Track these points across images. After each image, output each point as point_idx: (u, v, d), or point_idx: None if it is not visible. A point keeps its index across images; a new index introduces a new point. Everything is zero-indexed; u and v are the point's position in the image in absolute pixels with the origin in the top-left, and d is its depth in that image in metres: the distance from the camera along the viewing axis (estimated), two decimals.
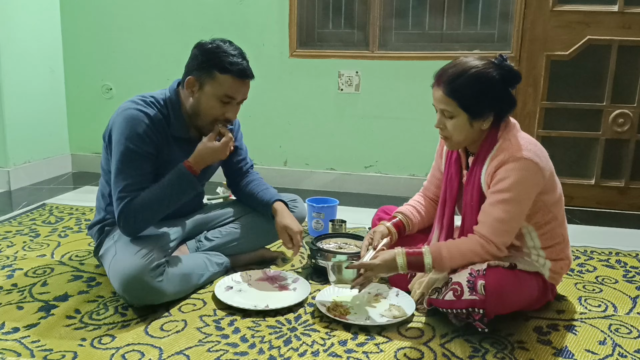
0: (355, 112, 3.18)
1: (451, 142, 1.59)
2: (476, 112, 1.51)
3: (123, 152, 1.65)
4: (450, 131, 1.55)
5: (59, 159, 3.52)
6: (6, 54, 3.02)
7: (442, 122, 1.55)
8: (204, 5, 3.23)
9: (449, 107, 1.51)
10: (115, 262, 1.64)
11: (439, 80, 1.52)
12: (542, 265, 1.60)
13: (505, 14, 2.97)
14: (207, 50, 1.67)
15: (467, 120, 1.52)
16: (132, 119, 1.66)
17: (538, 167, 1.49)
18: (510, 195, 1.47)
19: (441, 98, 1.52)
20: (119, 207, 1.65)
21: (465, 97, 1.49)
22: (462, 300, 1.46)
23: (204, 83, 1.68)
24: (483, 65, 1.50)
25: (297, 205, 2.08)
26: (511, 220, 1.50)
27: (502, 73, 1.50)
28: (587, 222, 2.69)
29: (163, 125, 1.71)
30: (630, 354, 1.48)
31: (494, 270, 1.47)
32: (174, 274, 1.66)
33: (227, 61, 1.65)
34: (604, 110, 2.88)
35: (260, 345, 1.47)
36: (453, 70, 1.51)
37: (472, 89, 1.49)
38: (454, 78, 1.49)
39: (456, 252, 1.51)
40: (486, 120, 1.53)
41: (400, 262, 1.53)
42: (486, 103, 1.51)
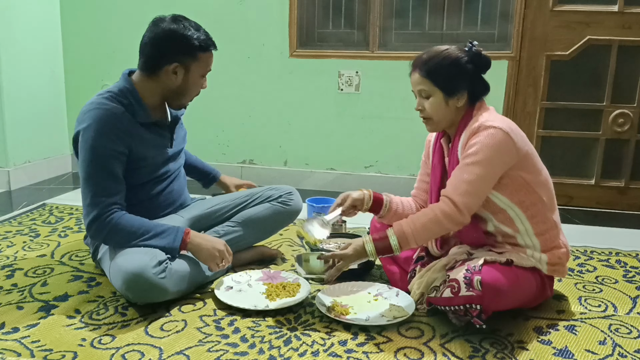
0: (355, 112, 3.18)
1: (432, 123, 1.66)
2: (450, 90, 1.60)
3: (92, 156, 1.65)
4: (428, 111, 1.63)
5: (59, 159, 3.52)
6: (6, 54, 3.02)
7: (421, 103, 1.65)
8: (204, 5, 3.23)
9: (425, 86, 1.61)
10: (117, 261, 1.63)
11: (415, 65, 1.64)
12: (539, 260, 1.60)
13: (505, 14, 2.97)
14: (186, 35, 1.70)
15: (443, 98, 1.60)
16: (96, 120, 1.65)
17: (508, 137, 1.53)
18: (476, 158, 1.52)
19: (417, 80, 1.63)
20: (94, 211, 1.64)
21: (439, 75, 1.59)
22: (459, 297, 1.46)
23: (189, 65, 1.72)
24: (453, 49, 1.62)
25: (293, 198, 2.06)
26: (476, 181, 1.52)
27: (471, 56, 1.61)
28: (587, 222, 2.69)
29: (127, 115, 1.70)
30: (630, 354, 1.48)
31: (490, 266, 1.48)
32: (176, 271, 1.66)
33: (203, 40, 1.72)
34: (604, 110, 2.88)
35: (260, 345, 1.47)
36: (426, 55, 1.63)
37: (444, 68, 1.59)
38: (427, 60, 1.61)
39: (419, 225, 1.52)
40: (460, 98, 1.60)
41: (369, 248, 1.55)
42: (458, 80, 1.60)
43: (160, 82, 1.73)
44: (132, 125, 1.71)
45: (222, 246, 1.74)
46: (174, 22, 1.72)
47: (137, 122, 1.72)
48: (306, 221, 1.71)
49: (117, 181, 1.68)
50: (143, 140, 1.74)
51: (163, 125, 1.82)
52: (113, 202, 1.66)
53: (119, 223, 1.65)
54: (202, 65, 1.74)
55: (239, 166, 3.38)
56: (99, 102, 1.69)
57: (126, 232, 1.65)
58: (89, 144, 1.65)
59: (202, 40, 1.71)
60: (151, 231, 1.67)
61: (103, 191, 1.65)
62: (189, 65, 1.72)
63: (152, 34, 1.72)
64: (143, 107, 1.74)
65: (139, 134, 1.73)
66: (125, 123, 1.69)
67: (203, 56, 1.73)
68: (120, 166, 1.69)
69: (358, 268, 1.88)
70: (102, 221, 1.65)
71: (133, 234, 1.66)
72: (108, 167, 1.66)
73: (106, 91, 1.74)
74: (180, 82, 1.73)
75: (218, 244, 1.74)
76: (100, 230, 1.66)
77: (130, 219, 1.67)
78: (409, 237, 1.52)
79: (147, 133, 1.76)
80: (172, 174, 1.92)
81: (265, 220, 2.00)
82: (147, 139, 1.76)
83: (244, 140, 3.35)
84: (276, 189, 2.08)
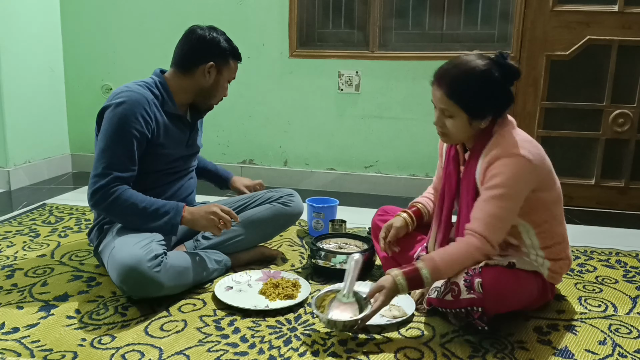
0: (355, 112, 3.18)
1: (448, 139, 1.60)
2: (476, 114, 1.51)
3: (115, 129, 1.72)
4: (448, 129, 1.55)
5: (59, 159, 3.52)
6: (6, 54, 3.02)
7: (441, 120, 1.56)
8: (204, 5, 3.23)
9: (449, 107, 1.51)
10: (113, 254, 1.65)
11: (439, 80, 1.52)
12: (541, 265, 1.60)
13: (505, 14, 2.97)
14: (225, 40, 1.89)
15: (467, 120, 1.52)
16: (126, 100, 1.74)
17: (532, 165, 1.49)
18: (502, 191, 1.47)
19: (442, 99, 1.51)
20: (101, 180, 1.70)
21: (466, 99, 1.49)
22: (460, 300, 1.46)
23: (222, 69, 1.88)
24: (484, 65, 1.49)
25: (294, 200, 2.08)
26: (504, 216, 1.49)
27: (504, 72, 1.49)
28: (587, 222, 2.69)
29: (155, 103, 1.81)
30: (630, 354, 1.48)
31: (490, 269, 1.48)
32: (172, 265, 1.66)
33: (236, 50, 1.91)
34: (604, 110, 2.88)
35: (260, 345, 1.47)
36: (455, 71, 1.50)
37: (474, 91, 1.49)
38: (455, 79, 1.49)
39: (451, 260, 1.49)
40: (485, 120, 1.53)
41: (401, 282, 1.47)
42: (487, 104, 1.51)
43: (194, 80, 1.86)
44: (159, 113, 1.82)
45: (215, 208, 1.80)
46: (213, 31, 1.88)
47: (164, 111, 1.84)
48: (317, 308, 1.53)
49: (131, 160, 1.75)
50: (166, 129, 1.84)
51: (185, 122, 1.92)
52: (122, 178, 1.72)
53: (122, 194, 1.71)
54: (231, 71, 1.92)
55: (239, 166, 3.38)
56: (133, 86, 1.80)
57: (128, 204, 1.71)
58: (116, 118, 1.73)
59: (234, 49, 1.91)
60: (153, 205, 1.73)
61: (116, 165, 1.72)
62: (221, 68, 1.88)
63: (192, 37, 1.87)
64: (172, 100, 1.87)
65: (163, 122, 1.83)
66: (153, 109, 1.79)
67: (233, 63, 1.91)
68: (139, 148, 1.76)
69: None
70: (107, 191, 1.70)
71: (135, 205, 1.71)
72: (128, 144, 1.73)
73: (140, 80, 1.85)
74: (212, 82, 1.87)
75: (211, 207, 1.80)
76: (103, 199, 1.70)
77: (134, 193, 1.74)
78: (442, 271, 1.48)
79: (171, 124, 1.86)
80: (184, 170, 1.98)
81: (266, 221, 2.01)
82: (169, 129, 1.85)
83: (244, 140, 3.35)
84: (277, 191, 2.10)
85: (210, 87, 1.89)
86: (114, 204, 1.70)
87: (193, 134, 1.97)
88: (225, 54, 1.88)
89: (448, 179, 1.68)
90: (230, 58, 1.90)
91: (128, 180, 1.74)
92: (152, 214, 1.72)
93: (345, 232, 2.21)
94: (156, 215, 1.73)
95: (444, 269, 1.49)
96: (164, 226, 1.74)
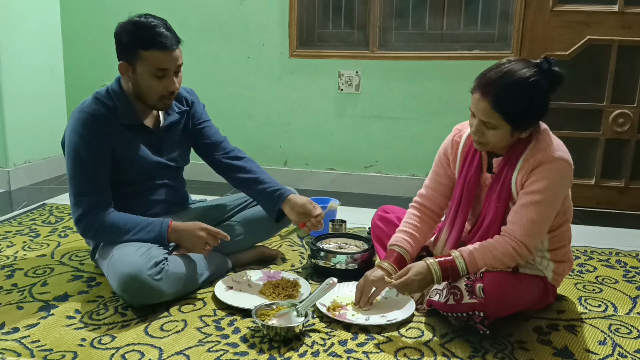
0: (355, 112, 3.18)
1: (484, 147, 1.55)
2: (521, 126, 1.47)
3: (74, 157, 1.69)
4: (487, 139, 1.49)
5: (59, 159, 3.51)
6: (6, 54, 3.02)
7: (482, 130, 1.48)
8: (204, 5, 3.23)
9: (493, 120, 1.44)
10: (112, 262, 1.64)
11: (482, 90, 1.44)
12: (546, 268, 1.60)
13: (505, 14, 2.97)
14: (127, 32, 1.66)
15: (510, 131, 1.47)
16: (77, 123, 1.70)
17: (571, 168, 1.50)
18: (543, 196, 1.46)
19: (486, 110, 1.44)
20: (78, 210, 1.69)
21: (513, 111, 1.43)
22: (462, 304, 1.46)
23: (134, 65, 1.67)
24: (532, 74, 1.41)
25: None
26: (543, 222, 1.49)
27: (551, 80, 1.44)
28: (587, 222, 2.69)
29: (109, 118, 1.71)
30: (630, 354, 1.48)
31: (492, 273, 1.47)
32: (172, 272, 1.66)
33: (147, 37, 1.64)
34: (604, 110, 2.88)
35: (260, 345, 1.47)
36: (502, 82, 1.42)
37: (522, 103, 1.42)
38: (503, 91, 1.41)
39: (489, 254, 1.49)
40: (527, 131, 1.50)
41: (435, 269, 1.49)
42: (533, 116, 1.47)
43: (125, 83, 1.74)
44: (114, 127, 1.72)
45: (201, 232, 1.72)
46: (131, 20, 1.68)
47: (120, 123, 1.72)
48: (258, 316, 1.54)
49: (98, 181, 1.71)
50: (127, 141, 1.74)
51: (148, 130, 1.80)
52: (96, 202, 1.70)
53: (104, 221, 1.69)
54: (146, 64, 1.65)
55: None
56: (82, 106, 1.73)
57: (113, 230, 1.69)
58: (70, 147, 1.70)
59: (146, 38, 1.63)
60: (136, 227, 1.70)
61: (84, 191, 1.69)
62: (133, 63, 1.67)
63: None
64: (128, 108, 1.74)
65: (122, 135, 1.73)
66: (105, 125, 1.70)
67: (146, 54, 1.64)
68: (103, 167, 1.71)
69: (358, 268, 1.88)
70: (88, 220, 1.69)
71: (119, 230, 1.69)
72: (88, 168, 1.69)
73: (95, 92, 1.76)
74: (132, 83, 1.70)
75: (196, 230, 1.72)
76: (88, 228, 1.70)
77: (116, 217, 1.70)
78: (479, 263, 1.48)
79: (132, 135, 1.75)
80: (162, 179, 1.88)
81: (265, 221, 2.00)
82: (131, 141, 1.75)
83: (244, 140, 3.34)
84: None
85: (134, 87, 1.71)
86: (99, 233, 1.70)
87: (166, 138, 1.84)
88: (129, 48, 1.65)
89: (468, 186, 1.62)
90: (140, 49, 1.63)
91: (103, 202, 1.71)
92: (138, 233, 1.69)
93: (345, 232, 2.21)
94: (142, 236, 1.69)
95: (481, 262, 1.48)
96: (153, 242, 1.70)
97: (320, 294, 1.61)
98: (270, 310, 1.57)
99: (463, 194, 1.64)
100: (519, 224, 1.48)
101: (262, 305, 1.58)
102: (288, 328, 1.48)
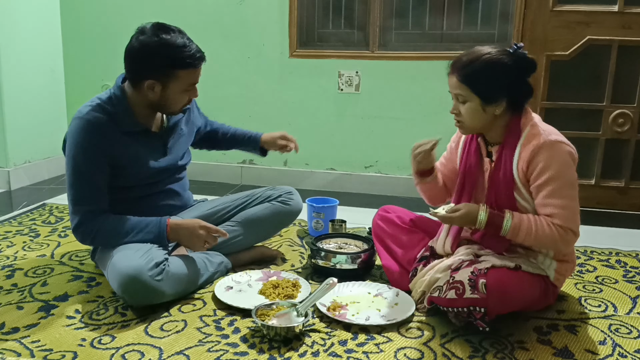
0: (355, 112, 3.18)
1: (465, 127, 1.63)
2: (488, 97, 1.55)
3: (72, 165, 1.69)
4: (464, 116, 1.59)
5: (59, 159, 3.50)
6: (6, 54, 3.02)
7: (457, 107, 1.60)
8: (204, 5, 3.23)
9: (462, 91, 1.56)
10: (113, 263, 1.64)
11: (453, 67, 1.59)
12: (548, 267, 1.60)
13: (505, 14, 2.97)
14: (159, 53, 1.62)
15: (480, 104, 1.56)
16: (77, 130, 1.68)
17: (568, 146, 1.54)
18: (560, 181, 1.51)
19: (455, 84, 1.57)
20: (76, 218, 1.69)
21: (477, 81, 1.54)
22: (463, 299, 1.46)
23: (166, 83, 1.66)
24: (496, 52, 1.56)
25: (293, 198, 2.07)
26: (572, 201, 1.53)
27: (516, 60, 1.55)
28: (587, 222, 2.67)
29: (110, 126, 1.69)
30: (630, 354, 1.48)
31: (495, 270, 1.48)
32: (173, 273, 1.65)
33: (184, 57, 1.63)
34: (604, 110, 2.88)
35: (260, 345, 1.47)
36: (467, 57, 1.57)
37: (484, 73, 1.54)
38: (466, 64, 1.56)
39: (537, 233, 1.51)
40: (499, 106, 1.56)
41: (482, 217, 1.54)
42: (498, 88, 1.55)
43: (142, 94, 1.70)
44: (114, 134, 1.70)
45: (200, 230, 1.73)
46: (154, 35, 1.62)
47: (120, 130, 1.71)
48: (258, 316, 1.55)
49: (96, 189, 1.70)
50: (127, 148, 1.73)
51: (151, 135, 1.79)
52: (93, 209, 1.70)
53: (101, 228, 1.69)
54: (182, 82, 1.67)
55: (239, 166, 3.38)
56: (82, 112, 1.70)
57: (111, 234, 1.69)
58: (69, 154, 1.70)
59: (185, 57, 1.63)
60: (134, 229, 1.70)
61: (82, 199, 1.69)
62: (165, 81, 1.66)
63: (130, 47, 1.66)
64: (129, 115, 1.73)
65: (122, 142, 1.71)
66: (105, 132, 1.68)
67: (183, 73, 1.65)
68: (101, 174, 1.70)
69: (358, 268, 1.88)
70: (85, 228, 1.69)
71: (117, 234, 1.69)
72: (86, 176, 1.68)
73: (96, 97, 1.74)
74: (158, 98, 1.69)
75: (196, 228, 1.73)
76: (86, 236, 1.71)
77: (112, 221, 1.70)
78: (522, 234, 1.52)
79: (133, 142, 1.74)
80: (166, 183, 1.89)
81: (265, 220, 2.00)
82: (132, 148, 1.74)
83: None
84: (276, 189, 2.09)
85: (159, 100, 1.70)
86: (97, 239, 1.71)
87: (172, 141, 1.85)
88: (164, 69, 1.63)
89: (469, 173, 1.69)
90: (177, 69, 1.63)
91: (99, 206, 1.71)
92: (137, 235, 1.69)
93: (345, 232, 2.21)
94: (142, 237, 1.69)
95: (525, 232, 1.52)
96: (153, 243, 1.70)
97: (320, 294, 1.61)
98: (270, 310, 1.57)
99: (465, 180, 1.70)
100: (555, 214, 1.52)
101: (262, 305, 1.59)
102: (288, 328, 1.48)
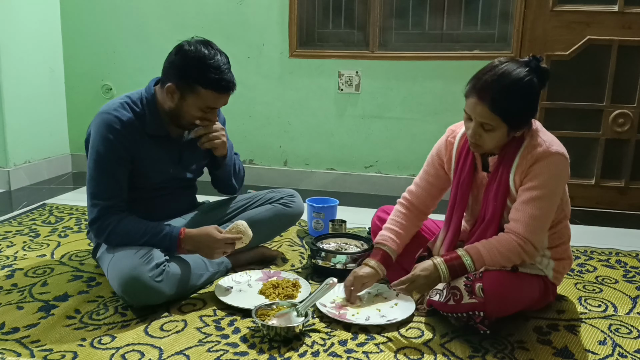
0: (355, 112, 3.18)
1: (481, 149, 1.55)
2: (518, 125, 1.48)
3: (95, 158, 1.69)
4: (484, 141, 1.50)
5: (59, 159, 3.51)
6: (6, 54, 3.02)
7: (479, 133, 1.48)
8: (204, 5, 3.23)
9: (492, 122, 1.45)
10: (113, 263, 1.64)
11: (478, 93, 1.44)
12: (546, 267, 1.60)
13: (505, 14, 2.97)
14: (190, 62, 1.62)
15: (507, 131, 1.48)
16: (104, 124, 1.69)
17: (567, 162, 1.51)
18: (543, 192, 1.47)
19: (483, 113, 1.44)
20: (93, 212, 1.70)
21: (511, 112, 1.44)
22: (462, 305, 1.46)
23: (185, 93, 1.66)
24: (526, 73, 1.43)
25: (294, 200, 2.07)
26: (545, 216, 1.50)
27: (541, 77, 1.46)
28: (587, 222, 2.69)
29: (136, 126, 1.70)
30: (630, 354, 1.48)
31: (491, 273, 1.47)
32: (173, 273, 1.66)
33: (210, 77, 1.62)
34: (604, 110, 2.88)
35: (260, 345, 1.47)
36: (499, 84, 1.43)
37: (519, 103, 1.45)
38: (502, 93, 1.42)
39: (495, 251, 1.49)
40: (523, 129, 1.51)
41: (443, 269, 1.50)
42: (529, 114, 1.49)
43: (162, 96, 1.71)
44: (139, 135, 1.71)
45: (217, 242, 1.70)
46: (195, 46, 1.64)
47: (145, 132, 1.72)
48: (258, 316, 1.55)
49: (116, 184, 1.71)
50: (149, 151, 1.74)
51: (170, 141, 1.80)
52: (111, 205, 1.70)
53: (116, 227, 1.69)
54: (199, 100, 1.65)
55: None
56: (110, 107, 1.71)
57: (124, 235, 1.69)
58: (93, 148, 1.70)
59: (210, 78, 1.61)
60: (147, 235, 1.69)
61: (101, 193, 1.70)
62: (184, 92, 1.65)
63: (172, 51, 1.68)
64: (156, 118, 1.74)
65: (145, 144, 1.73)
66: (131, 132, 1.69)
67: (203, 92, 1.64)
68: (122, 170, 1.72)
69: None
70: (101, 223, 1.69)
71: (130, 236, 1.69)
72: (109, 171, 1.69)
73: (126, 95, 1.75)
74: (174, 105, 1.69)
75: (212, 240, 1.70)
76: (101, 231, 1.71)
77: (128, 223, 1.70)
78: (486, 260, 1.49)
79: (155, 145, 1.75)
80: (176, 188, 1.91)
81: (267, 222, 2.00)
82: (153, 151, 1.75)
83: (244, 140, 3.35)
84: (278, 191, 2.09)
85: (174, 108, 1.69)
86: (111, 237, 1.70)
87: (186, 153, 1.85)
88: (191, 79, 1.62)
89: (462, 185, 1.63)
90: (198, 85, 1.62)
91: (118, 202, 1.71)
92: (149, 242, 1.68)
93: (345, 232, 2.21)
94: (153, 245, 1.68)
95: (488, 259, 1.48)
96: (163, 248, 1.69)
97: (320, 294, 1.61)
98: (270, 310, 1.57)
99: (457, 194, 1.65)
100: (521, 221, 1.48)
101: (262, 305, 1.59)
102: (288, 328, 1.48)
